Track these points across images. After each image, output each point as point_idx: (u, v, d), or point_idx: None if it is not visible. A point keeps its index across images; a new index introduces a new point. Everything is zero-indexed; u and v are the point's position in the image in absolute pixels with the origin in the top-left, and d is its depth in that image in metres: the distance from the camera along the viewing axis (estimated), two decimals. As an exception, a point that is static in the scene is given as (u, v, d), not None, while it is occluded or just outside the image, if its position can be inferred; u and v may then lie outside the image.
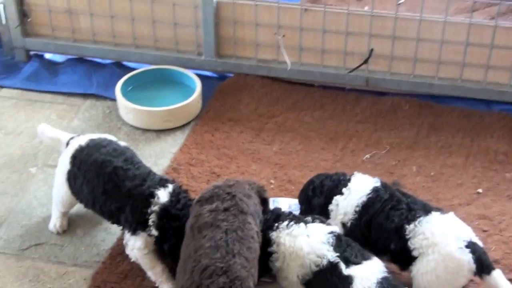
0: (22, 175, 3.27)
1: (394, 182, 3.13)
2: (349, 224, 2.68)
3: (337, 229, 2.59)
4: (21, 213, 3.05)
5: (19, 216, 3.04)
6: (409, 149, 3.35)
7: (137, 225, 2.61)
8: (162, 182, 2.67)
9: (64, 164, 2.81)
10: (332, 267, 2.44)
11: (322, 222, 2.59)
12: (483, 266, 2.49)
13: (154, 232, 2.59)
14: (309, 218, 2.59)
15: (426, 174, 3.21)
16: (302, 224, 2.55)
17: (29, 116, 3.65)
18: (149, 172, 2.73)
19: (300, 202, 2.86)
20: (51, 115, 3.66)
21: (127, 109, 3.53)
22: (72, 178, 2.77)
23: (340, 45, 3.64)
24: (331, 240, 2.50)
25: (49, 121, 3.59)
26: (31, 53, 4.09)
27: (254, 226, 2.47)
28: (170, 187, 2.66)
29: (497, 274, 2.50)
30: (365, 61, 3.63)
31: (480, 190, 3.12)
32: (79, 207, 2.97)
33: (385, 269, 2.45)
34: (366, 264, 2.45)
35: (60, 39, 3.98)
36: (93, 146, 2.78)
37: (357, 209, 2.66)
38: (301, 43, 3.68)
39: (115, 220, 2.71)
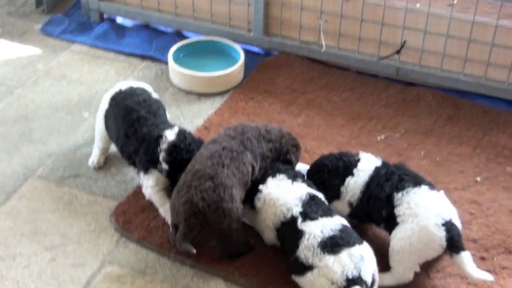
0: (75, 117, 3.72)
1: (399, 162, 3.38)
2: (355, 204, 2.89)
3: (320, 194, 2.80)
4: (68, 148, 3.50)
5: (66, 151, 3.48)
6: (423, 135, 3.58)
7: (149, 163, 3.00)
8: (169, 126, 3.06)
9: (104, 103, 3.24)
10: (292, 220, 2.67)
11: (309, 185, 2.82)
12: (453, 245, 2.67)
13: (165, 166, 2.97)
14: (300, 179, 2.84)
15: (432, 159, 3.42)
16: (290, 181, 2.82)
17: (92, 70, 4.10)
18: (164, 121, 3.12)
19: (309, 178, 2.98)
20: (110, 71, 4.09)
21: (175, 72, 3.92)
22: (108, 116, 3.20)
23: (376, 35, 3.90)
24: (304, 198, 2.73)
25: (108, 75, 4.04)
26: (104, 16, 4.55)
27: (250, 159, 2.82)
28: (176, 128, 3.05)
29: (465, 255, 2.66)
30: (397, 52, 3.87)
31: (478, 179, 3.31)
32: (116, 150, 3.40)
33: (338, 227, 2.59)
34: (320, 220, 2.63)
35: (130, 5, 4.42)
36: (129, 93, 3.20)
37: (362, 188, 2.87)
38: (341, 29, 3.97)
39: (131, 161, 3.12)
